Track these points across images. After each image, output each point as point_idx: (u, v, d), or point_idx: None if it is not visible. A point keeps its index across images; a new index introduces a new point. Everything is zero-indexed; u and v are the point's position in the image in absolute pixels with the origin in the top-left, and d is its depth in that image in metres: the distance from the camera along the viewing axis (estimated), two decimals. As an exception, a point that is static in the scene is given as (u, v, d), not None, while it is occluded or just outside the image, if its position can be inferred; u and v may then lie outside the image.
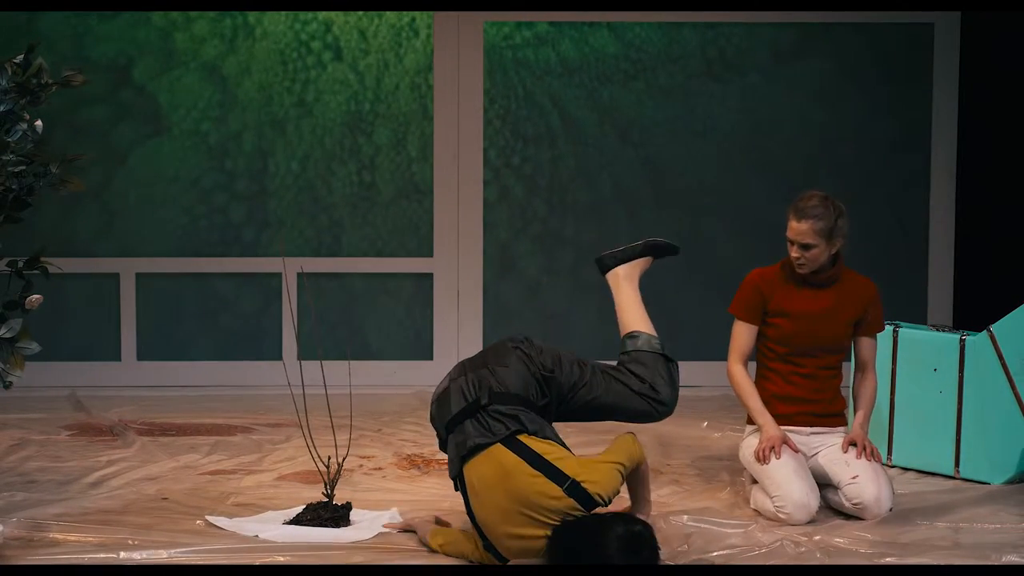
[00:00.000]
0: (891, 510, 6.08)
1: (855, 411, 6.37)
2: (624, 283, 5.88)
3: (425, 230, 9.26)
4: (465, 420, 5.38)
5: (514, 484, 5.21)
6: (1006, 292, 7.43)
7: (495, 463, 5.27)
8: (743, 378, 6.31)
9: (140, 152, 9.15)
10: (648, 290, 9.18)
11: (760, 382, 6.35)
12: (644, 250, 5.93)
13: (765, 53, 9.29)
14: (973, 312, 8.69)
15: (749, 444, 6.30)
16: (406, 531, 5.82)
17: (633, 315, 5.78)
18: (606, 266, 5.96)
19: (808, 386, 6.30)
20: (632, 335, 5.71)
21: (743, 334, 6.34)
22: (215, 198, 9.20)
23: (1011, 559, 5.54)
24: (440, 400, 5.55)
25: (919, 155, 9.38)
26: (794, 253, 6.23)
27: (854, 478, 6.11)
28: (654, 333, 5.71)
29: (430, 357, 9.27)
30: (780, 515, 6.02)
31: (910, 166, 9.40)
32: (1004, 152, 9.02)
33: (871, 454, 6.18)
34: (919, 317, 9.16)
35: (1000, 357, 6.72)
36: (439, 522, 5.81)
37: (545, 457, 5.24)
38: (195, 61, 9.13)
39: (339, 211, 9.25)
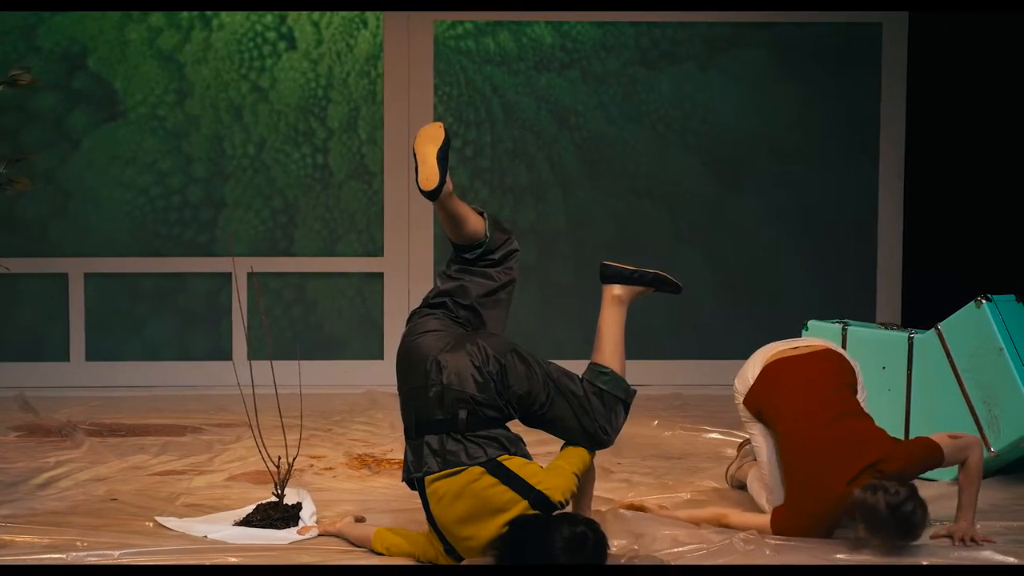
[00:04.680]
0: None
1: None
2: (616, 305, 5.79)
3: (376, 209, 9.32)
4: (440, 434, 5.36)
5: (482, 492, 5.23)
6: (954, 290, 7.47)
7: (466, 477, 5.28)
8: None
9: (95, 136, 9.18)
10: (585, 284, 9.32)
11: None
12: (651, 281, 5.86)
13: (699, 43, 9.39)
14: (921, 310, 8.75)
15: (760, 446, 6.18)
16: (328, 535, 5.81)
17: (611, 346, 5.71)
18: (608, 277, 5.87)
19: None
20: (603, 370, 5.65)
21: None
22: (172, 180, 9.24)
23: (960, 555, 5.57)
24: (409, 372, 5.51)
25: (867, 155, 9.44)
26: None
27: None
28: (623, 372, 5.68)
29: (380, 356, 9.26)
30: None
31: (858, 165, 9.45)
32: (952, 152, 9.08)
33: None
34: (868, 315, 9.21)
35: (948, 355, 6.76)
36: (358, 519, 5.86)
37: (515, 471, 5.27)
38: (151, 50, 9.15)
39: (294, 191, 9.33)
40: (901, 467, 5.62)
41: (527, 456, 5.41)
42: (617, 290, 5.80)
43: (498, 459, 5.31)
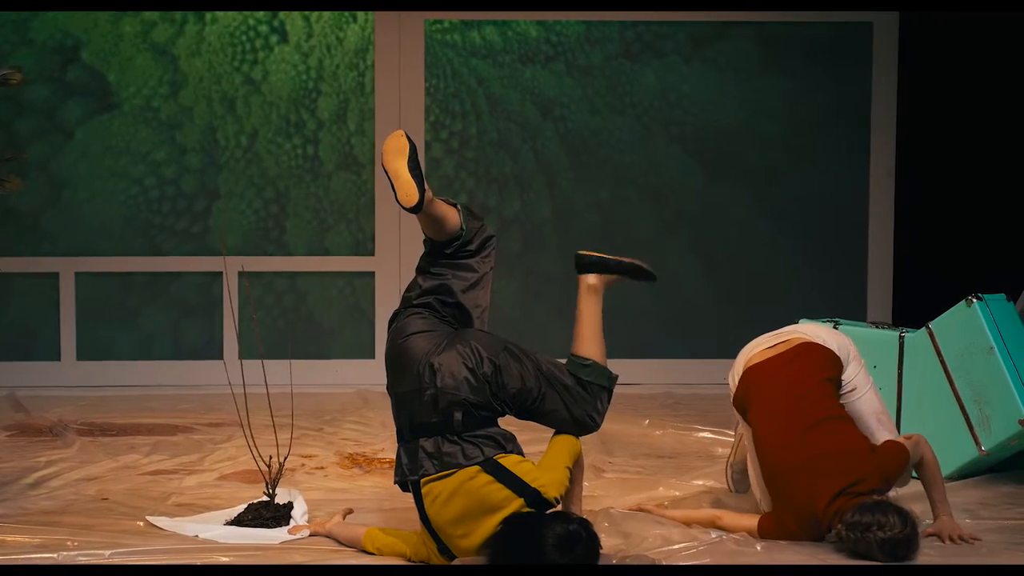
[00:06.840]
0: None
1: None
2: (592, 294, 5.76)
3: (365, 200, 9.38)
4: (435, 436, 5.35)
5: (477, 491, 5.23)
6: (945, 289, 7.48)
7: (462, 476, 5.28)
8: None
9: (89, 127, 9.21)
10: (569, 274, 9.29)
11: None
12: (627, 268, 5.84)
13: (684, 37, 9.44)
14: (912, 309, 8.75)
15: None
16: (319, 535, 5.80)
17: (590, 335, 5.68)
18: (584, 267, 5.85)
19: None
20: (584, 362, 5.63)
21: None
22: (165, 171, 9.27)
23: (954, 553, 5.57)
24: (401, 375, 5.49)
25: (858, 152, 9.45)
26: None
27: None
28: (604, 359, 5.67)
29: (372, 355, 9.26)
30: None
31: (849, 162, 9.46)
32: (942, 151, 9.09)
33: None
34: (858, 314, 9.22)
35: (939, 354, 6.76)
36: (347, 513, 5.90)
37: (510, 470, 5.27)
38: (145, 43, 9.18)
39: (285, 182, 9.38)
40: (878, 486, 5.62)
41: (520, 453, 5.41)
42: (592, 279, 5.77)
43: (494, 458, 5.31)
